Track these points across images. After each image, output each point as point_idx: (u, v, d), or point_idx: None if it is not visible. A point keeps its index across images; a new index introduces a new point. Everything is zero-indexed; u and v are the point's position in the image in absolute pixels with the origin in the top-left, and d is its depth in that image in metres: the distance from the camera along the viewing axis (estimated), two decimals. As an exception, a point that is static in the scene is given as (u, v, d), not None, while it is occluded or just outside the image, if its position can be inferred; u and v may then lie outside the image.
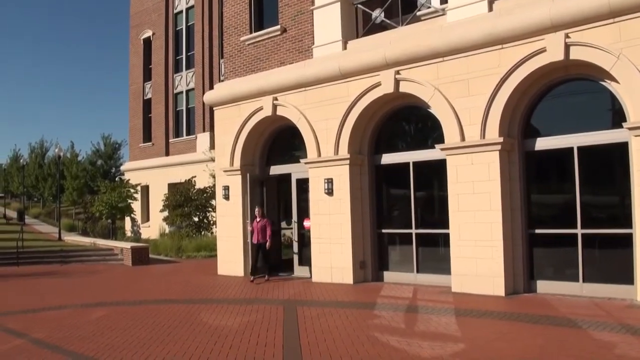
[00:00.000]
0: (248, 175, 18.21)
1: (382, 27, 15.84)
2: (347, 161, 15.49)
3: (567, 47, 11.82)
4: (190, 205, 30.92)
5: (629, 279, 11.56)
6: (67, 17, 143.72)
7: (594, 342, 8.55)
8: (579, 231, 12.25)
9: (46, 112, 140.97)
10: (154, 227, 36.28)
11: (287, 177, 17.92)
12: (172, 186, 35.91)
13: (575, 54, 11.79)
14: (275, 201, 18.79)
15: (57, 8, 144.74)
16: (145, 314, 12.21)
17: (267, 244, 16.66)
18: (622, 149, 11.73)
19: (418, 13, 15.36)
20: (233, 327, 10.57)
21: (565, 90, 12.78)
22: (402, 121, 15.91)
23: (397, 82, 14.50)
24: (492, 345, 8.65)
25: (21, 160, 62.26)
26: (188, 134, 38.00)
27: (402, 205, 15.56)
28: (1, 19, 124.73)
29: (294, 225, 17.61)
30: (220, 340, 9.50)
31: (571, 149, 12.41)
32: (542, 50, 12.19)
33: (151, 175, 39.27)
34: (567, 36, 11.83)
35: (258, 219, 16.82)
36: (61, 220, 38.14)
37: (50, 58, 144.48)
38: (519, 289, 12.89)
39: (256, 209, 16.96)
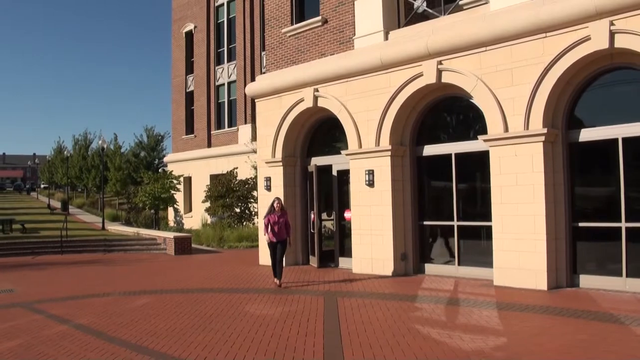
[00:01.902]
0: (290, 166, 18.29)
1: (423, 17, 15.72)
2: (389, 152, 15.43)
3: (611, 34, 11.56)
4: (232, 196, 31.19)
5: (676, 274, 11.31)
6: (108, 17, 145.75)
7: (636, 338, 8.39)
8: (623, 225, 12.00)
9: (92, 107, 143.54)
10: (196, 217, 36.71)
11: (328, 168, 17.94)
12: (214, 177, 36.24)
13: (620, 41, 11.51)
14: (317, 192, 18.85)
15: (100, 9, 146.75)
16: (188, 302, 12.37)
17: (289, 240, 14.82)
18: (670, 140, 11.45)
19: (460, 2, 15.16)
20: (274, 316, 10.65)
21: (610, 80, 12.51)
22: (444, 112, 15.77)
23: (439, 73, 14.37)
24: (534, 339, 8.55)
25: (65, 152, 63.46)
26: (230, 125, 38.28)
27: (444, 197, 15.45)
28: (47, 21, 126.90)
29: (335, 217, 17.63)
30: (261, 329, 9.59)
31: (616, 140, 12.15)
32: (587, 39, 11.94)
33: (193, 166, 39.70)
34: (611, 23, 11.55)
35: (278, 213, 14.43)
36: (104, 210, 38.86)
37: (96, 56, 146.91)
38: (562, 283, 12.70)
39: (275, 201, 14.52)
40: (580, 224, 12.76)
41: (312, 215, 17.90)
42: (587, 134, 12.69)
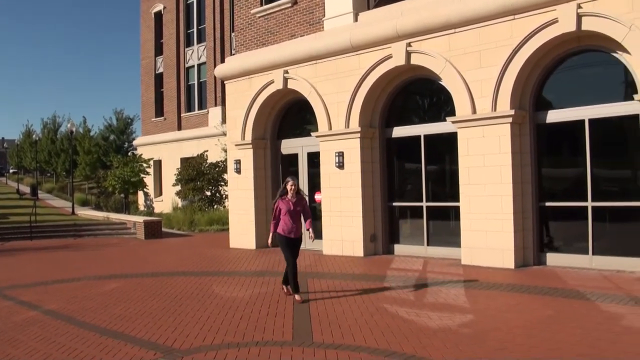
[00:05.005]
0: (260, 149, 18.27)
1: (393, -1, 15.72)
2: (358, 134, 15.47)
3: (579, 17, 11.68)
4: (202, 179, 31.03)
5: (638, 252, 11.55)
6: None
7: (601, 313, 8.58)
8: (589, 204, 12.21)
9: (58, 90, 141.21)
10: (167, 201, 36.49)
11: (298, 150, 17.93)
12: (184, 160, 36.01)
13: (588, 24, 11.64)
14: (287, 174, 18.82)
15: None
16: (158, 286, 12.34)
17: (311, 234, 10.70)
18: (634, 121, 11.65)
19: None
20: (244, 298, 10.68)
21: (577, 62, 12.67)
22: (413, 94, 15.84)
23: (408, 55, 14.41)
24: (501, 316, 8.70)
25: (34, 136, 62.51)
26: (200, 108, 38.00)
27: (413, 179, 15.56)
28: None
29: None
30: (231, 311, 9.61)
31: (582, 121, 12.32)
32: (554, 21, 12.06)
33: (163, 149, 39.38)
34: (579, 6, 11.68)
35: (293, 198, 10.48)
36: (74, 195, 38.46)
37: (59, 38, 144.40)
38: (529, 261, 12.91)
39: (289, 182, 10.51)
40: (548, 204, 12.95)
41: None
42: (555, 115, 12.85)
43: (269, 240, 10.84)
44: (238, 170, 18.70)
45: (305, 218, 10.71)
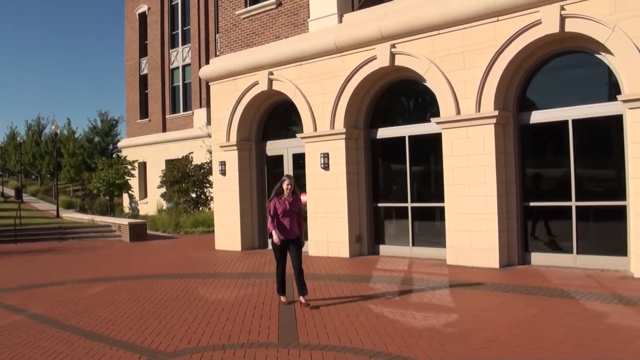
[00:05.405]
0: (245, 150, 18.25)
1: (378, 0, 15.75)
2: (343, 135, 15.50)
3: (562, 19, 11.77)
4: (187, 181, 30.93)
5: (622, 251, 11.67)
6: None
7: (585, 312, 8.65)
8: (573, 204, 12.31)
9: (43, 91, 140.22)
10: (152, 203, 36.35)
11: (283, 152, 17.93)
12: (169, 162, 35.86)
13: (571, 26, 11.74)
14: (272, 176, 18.82)
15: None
16: (143, 289, 12.28)
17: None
18: (617, 121, 11.75)
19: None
20: (230, 300, 10.66)
21: (561, 64, 12.76)
22: (398, 95, 15.89)
23: (392, 56, 14.46)
24: (485, 315, 8.75)
25: (18, 138, 62.01)
26: (185, 109, 37.90)
27: (398, 180, 15.60)
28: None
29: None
30: (216, 313, 9.59)
31: (566, 122, 12.42)
32: (538, 23, 12.15)
33: (148, 151, 39.23)
34: (562, 8, 11.77)
35: (289, 198, 10.02)
36: (59, 198, 38.20)
37: (43, 39, 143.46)
38: (514, 261, 12.98)
39: (285, 181, 10.02)
40: (532, 204, 13.04)
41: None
42: (538, 116, 12.93)
43: (276, 240, 9.87)
44: (223, 172, 18.67)
45: (298, 221, 10.15)
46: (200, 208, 30.76)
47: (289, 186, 9.93)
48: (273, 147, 18.32)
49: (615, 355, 6.66)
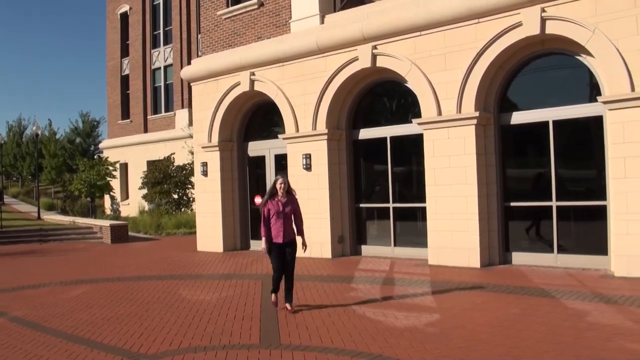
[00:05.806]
0: (226, 151, 18.21)
1: (360, 1, 15.78)
2: (325, 136, 15.51)
3: (543, 21, 11.86)
4: (169, 182, 30.79)
5: (602, 250, 11.79)
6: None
7: (566, 310, 8.73)
8: (554, 204, 12.41)
9: (23, 90, 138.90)
10: (134, 204, 36.13)
11: (265, 152, 17.91)
12: (151, 163, 35.66)
13: (551, 28, 11.83)
14: (254, 177, 18.79)
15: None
16: (124, 291, 12.22)
17: (303, 241, 9.77)
18: (597, 122, 11.88)
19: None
20: (211, 301, 10.63)
21: (541, 65, 12.86)
22: (380, 96, 15.93)
23: (374, 57, 14.49)
24: (466, 314, 8.80)
25: (-1, 139, 61.50)
26: (167, 110, 37.69)
27: (380, 180, 15.65)
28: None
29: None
30: (198, 315, 9.56)
31: (547, 123, 12.52)
32: (518, 25, 12.23)
33: (130, 152, 38.99)
34: (543, 10, 11.86)
35: (282, 198, 9.41)
36: (40, 199, 37.92)
37: (24, 39, 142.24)
38: (495, 260, 13.06)
39: (278, 180, 9.39)
40: (513, 204, 13.13)
41: (258, 200, 17.70)
42: (519, 117, 13.03)
43: (264, 248, 9.42)
44: (205, 173, 18.61)
45: (296, 223, 9.55)
46: (182, 209, 30.62)
47: (282, 185, 9.33)
48: (255, 148, 18.30)
49: (596, 352, 6.73)
